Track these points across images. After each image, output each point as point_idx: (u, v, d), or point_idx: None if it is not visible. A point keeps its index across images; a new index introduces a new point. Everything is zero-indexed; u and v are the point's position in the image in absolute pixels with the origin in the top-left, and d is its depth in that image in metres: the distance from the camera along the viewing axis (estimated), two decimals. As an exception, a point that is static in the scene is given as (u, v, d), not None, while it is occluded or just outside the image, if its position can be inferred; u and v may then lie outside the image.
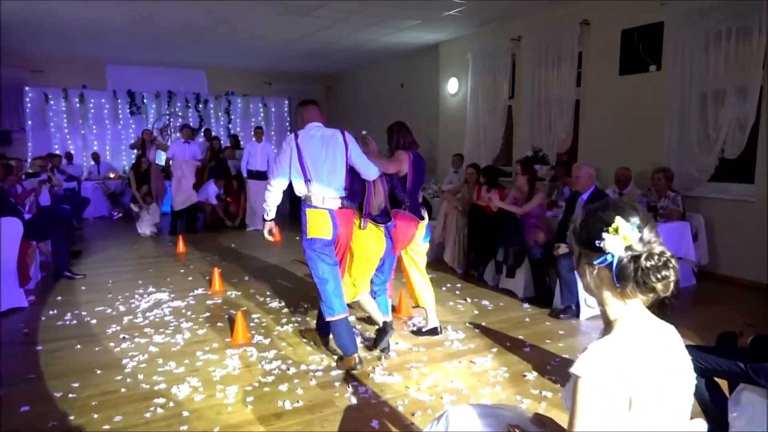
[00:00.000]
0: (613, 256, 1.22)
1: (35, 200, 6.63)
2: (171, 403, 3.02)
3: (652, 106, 6.20)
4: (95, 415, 2.90)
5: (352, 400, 3.08)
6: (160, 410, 2.95)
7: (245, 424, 2.82)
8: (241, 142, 11.26)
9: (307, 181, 3.45)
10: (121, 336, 4.07)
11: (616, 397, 1.15)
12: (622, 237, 1.21)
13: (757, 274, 5.34)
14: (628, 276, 1.21)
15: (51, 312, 4.68)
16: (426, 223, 4.09)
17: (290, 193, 3.64)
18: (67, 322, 4.42)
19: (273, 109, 13.28)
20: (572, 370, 1.19)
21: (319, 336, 3.87)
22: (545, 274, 4.98)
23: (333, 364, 3.56)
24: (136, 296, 5.12)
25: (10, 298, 4.66)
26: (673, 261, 1.20)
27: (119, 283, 5.60)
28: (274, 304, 4.88)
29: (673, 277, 1.19)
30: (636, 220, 1.24)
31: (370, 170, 3.59)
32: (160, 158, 10.04)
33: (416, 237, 4.04)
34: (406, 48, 10.13)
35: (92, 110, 11.55)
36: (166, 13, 7.67)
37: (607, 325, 1.31)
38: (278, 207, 3.69)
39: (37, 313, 4.64)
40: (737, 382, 2.35)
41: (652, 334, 1.24)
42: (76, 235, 8.08)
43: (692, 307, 4.87)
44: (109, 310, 4.71)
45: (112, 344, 3.92)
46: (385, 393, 3.15)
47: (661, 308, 1.29)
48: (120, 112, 11.78)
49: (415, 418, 2.86)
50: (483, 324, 4.37)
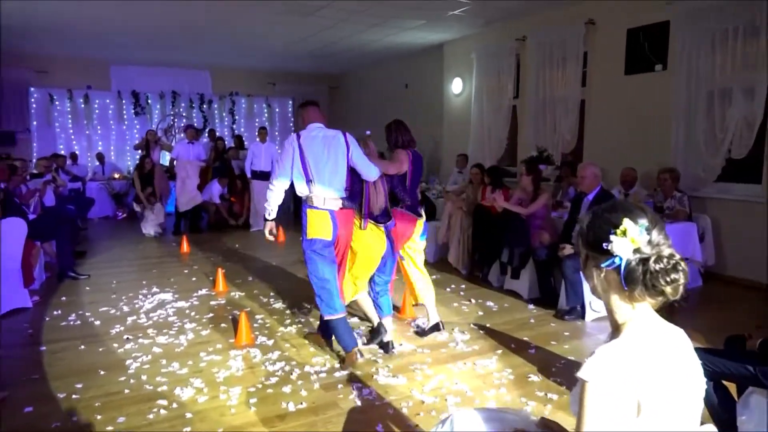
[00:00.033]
0: (621, 259, 1.20)
1: (40, 201, 6.65)
2: (174, 405, 3.01)
3: (657, 105, 6.15)
4: (98, 417, 2.89)
5: (356, 401, 3.06)
6: (163, 411, 2.94)
7: (248, 426, 2.81)
8: (245, 143, 11.26)
9: (309, 181, 3.47)
10: (125, 337, 4.07)
11: (625, 402, 1.13)
12: (630, 239, 1.19)
13: (765, 276, 5.29)
14: (637, 279, 1.18)
15: (55, 312, 4.68)
16: (424, 220, 4.13)
17: (294, 193, 3.65)
18: (71, 323, 4.42)
19: (277, 110, 13.29)
20: (579, 375, 1.17)
21: (323, 338, 3.85)
22: (550, 275, 4.94)
23: (337, 365, 3.54)
24: (140, 297, 5.12)
25: (14, 299, 4.66)
26: (683, 264, 1.17)
27: (123, 284, 5.60)
28: (278, 305, 4.87)
29: (682, 281, 1.17)
30: (644, 222, 1.21)
31: (370, 171, 3.61)
32: (165, 159, 10.06)
33: (414, 234, 4.07)
34: (410, 48, 10.11)
35: (97, 111, 11.57)
36: (170, 14, 7.67)
37: (615, 329, 1.28)
38: (282, 207, 3.70)
39: (42, 314, 4.64)
40: (746, 386, 2.32)
41: (661, 338, 1.22)
42: (81, 235, 8.10)
43: (699, 308, 4.83)
44: (113, 311, 4.71)
45: (115, 345, 3.92)
46: (389, 395, 3.14)
47: (670, 311, 1.27)
48: (124, 112, 11.80)
49: (420, 420, 2.84)
50: (487, 325, 4.35)
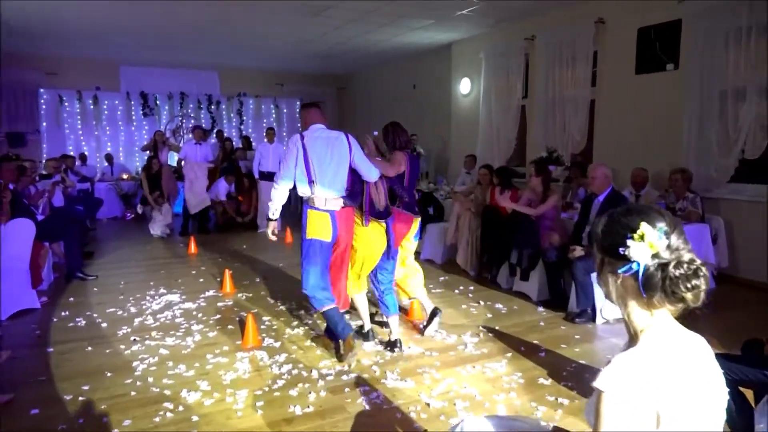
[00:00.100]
0: (638, 265, 1.15)
1: (49, 201, 6.66)
2: (180, 407, 2.99)
3: (669, 105, 6.07)
4: (104, 419, 2.88)
5: (363, 405, 3.02)
6: (169, 414, 2.92)
7: (255, 429, 2.78)
8: (253, 143, 11.27)
9: (311, 182, 3.50)
10: (132, 338, 4.06)
11: (643, 413, 1.09)
12: (649, 244, 1.14)
13: (779, 278, 5.20)
14: (656, 285, 1.13)
15: (63, 313, 4.69)
16: (419, 220, 4.20)
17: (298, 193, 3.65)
18: (79, 324, 4.42)
19: (285, 110, 13.30)
20: (596, 384, 1.12)
21: (330, 340, 3.82)
22: (560, 277, 4.89)
23: (345, 368, 3.51)
24: (148, 298, 5.11)
25: (22, 300, 4.67)
26: (704, 269, 1.12)
27: (131, 285, 5.60)
28: (285, 307, 4.84)
29: (704, 287, 1.12)
30: (663, 226, 1.16)
31: (371, 172, 3.67)
32: (173, 159, 10.08)
33: (410, 233, 4.14)
34: (418, 48, 10.07)
35: (106, 112, 11.63)
36: (179, 15, 7.68)
37: (632, 337, 1.24)
38: (289, 208, 3.69)
39: (50, 315, 4.65)
40: (764, 392, 2.26)
41: (681, 346, 1.17)
42: (90, 235, 8.13)
43: (713, 311, 4.75)
44: (121, 312, 4.71)
45: (122, 346, 3.91)
46: (397, 398, 3.10)
47: (692, 318, 1.22)
48: (133, 113, 11.85)
49: (428, 426, 2.80)
50: (496, 328, 4.30)
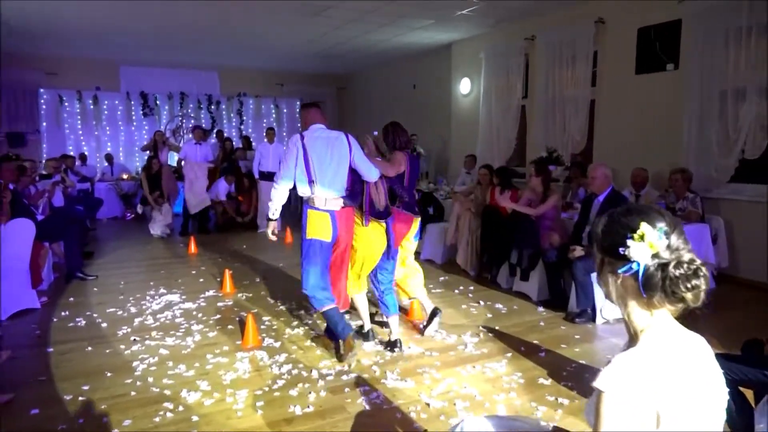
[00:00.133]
0: (638, 265, 1.15)
1: (49, 201, 6.66)
2: (180, 407, 2.99)
3: (669, 105, 6.08)
4: (104, 419, 2.88)
5: (363, 405, 3.02)
6: (169, 414, 2.92)
7: (255, 430, 2.78)
8: (253, 143, 11.27)
9: (311, 182, 3.50)
10: (132, 338, 4.06)
11: (643, 414, 1.09)
12: (648, 244, 1.14)
13: (779, 278, 5.20)
14: (656, 285, 1.13)
15: (63, 313, 4.69)
16: (419, 220, 4.20)
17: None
18: (79, 324, 4.42)
19: (285, 110, 13.29)
20: (595, 385, 1.12)
21: (330, 340, 3.82)
22: (560, 277, 4.89)
23: (345, 367, 3.51)
24: (148, 298, 5.11)
25: (22, 300, 4.67)
26: (704, 269, 1.12)
27: (131, 285, 5.60)
28: (285, 307, 4.84)
29: (704, 287, 1.12)
30: (663, 226, 1.16)
31: (371, 172, 3.67)
32: (172, 159, 10.07)
33: (410, 233, 4.15)
34: (418, 48, 10.07)
35: (106, 112, 11.63)
36: (179, 15, 7.68)
37: (632, 337, 1.24)
38: (289, 208, 3.70)
39: (49, 315, 4.65)
40: (764, 392, 2.26)
41: (681, 346, 1.17)
42: (90, 235, 8.12)
43: (713, 311, 4.74)
44: (121, 312, 4.71)
45: (122, 346, 3.91)
46: (397, 398, 3.10)
47: (691, 317, 1.22)
48: (133, 113, 11.85)
49: (428, 426, 2.80)
50: (496, 328, 4.30)
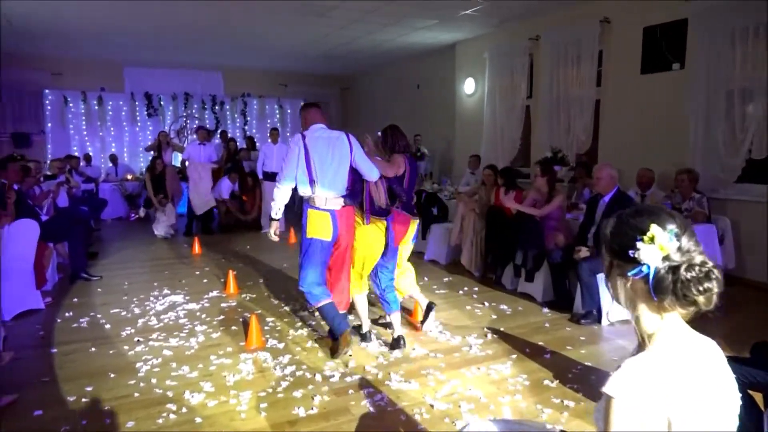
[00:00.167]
0: (649, 268, 1.12)
1: (53, 202, 6.67)
2: (184, 409, 2.98)
3: (675, 105, 6.03)
4: (107, 421, 2.87)
5: (368, 407, 3.01)
6: (172, 416, 2.91)
7: (258, 432, 2.77)
8: (257, 144, 11.27)
9: (312, 182, 3.51)
10: (136, 339, 4.05)
11: (654, 420, 1.06)
12: (659, 246, 1.11)
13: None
14: (667, 288, 1.11)
15: (67, 314, 4.68)
16: (417, 222, 4.20)
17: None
18: (83, 325, 4.41)
19: (289, 111, 13.30)
20: (605, 390, 1.10)
21: (334, 341, 3.80)
22: (565, 278, 4.86)
23: (349, 369, 3.49)
24: (151, 298, 5.11)
25: (26, 300, 4.67)
26: (716, 272, 1.10)
27: (135, 285, 5.60)
28: (289, 308, 4.83)
29: (716, 290, 1.09)
30: (673, 228, 1.14)
31: (372, 172, 3.68)
32: (176, 159, 10.08)
33: (408, 235, 4.14)
34: (422, 48, 10.05)
35: (110, 112, 11.66)
36: (183, 16, 7.69)
37: (642, 341, 1.21)
38: (293, 208, 3.70)
39: (53, 315, 4.64)
40: (773, 396, 2.23)
41: (692, 350, 1.14)
42: (94, 236, 8.13)
43: (724, 314, 4.70)
44: (124, 313, 4.70)
45: (126, 347, 3.90)
46: (401, 400, 3.08)
47: (699, 320, 1.19)
48: (137, 114, 11.87)
49: (433, 428, 2.78)
50: (501, 329, 4.27)
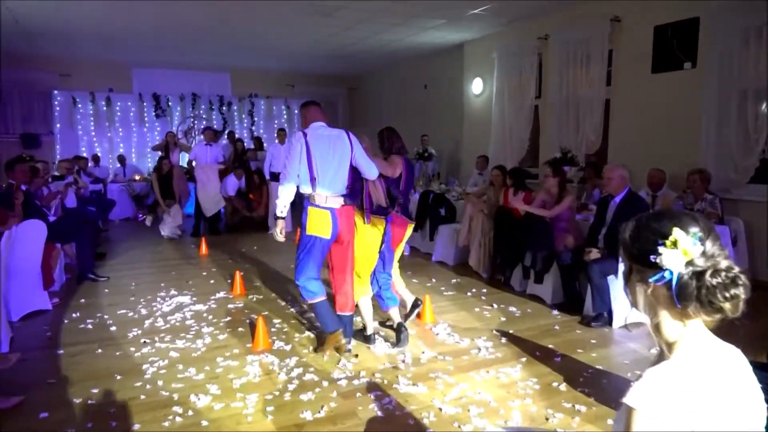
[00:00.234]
0: (671, 273, 1.07)
1: (61, 202, 6.69)
2: (190, 412, 2.95)
3: (686, 105, 5.95)
4: (113, 423, 2.85)
5: (375, 411, 2.97)
6: (178, 419, 2.88)
7: (265, 436, 2.74)
8: (265, 144, 11.27)
9: (313, 179, 3.51)
10: (142, 340, 4.03)
11: (677, 432, 1.02)
12: (682, 251, 1.06)
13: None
14: (690, 295, 1.06)
15: (74, 315, 4.68)
16: (413, 226, 4.24)
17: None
18: (90, 326, 4.40)
19: (296, 111, 13.24)
20: (626, 401, 1.05)
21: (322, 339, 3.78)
22: (575, 280, 4.79)
23: (356, 371, 3.46)
24: (158, 299, 5.10)
25: (34, 301, 4.67)
26: (743, 277, 1.05)
27: (142, 286, 5.59)
28: (296, 309, 4.79)
29: (743, 296, 1.04)
30: (696, 231, 1.09)
31: (371, 170, 3.71)
32: (184, 160, 10.09)
33: (404, 239, 4.18)
34: (430, 48, 10.00)
35: (118, 113, 11.71)
36: (190, 17, 7.68)
37: (664, 349, 1.16)
38: (299, 207, 3.70)
39: (61, 316, 4.64)
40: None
41: (717, 359, 1.09)
42: (102, 236, 8.15)
43: (751, 321, 4.62)
44: (131, 314, 4.69)
45: (132, 349, 3.88)
46: (409, 404, 3.03)
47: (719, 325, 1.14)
48: (145, 114, 11.91)
49: (442, 433, 2.74)
50: (510, 332, 4.22)
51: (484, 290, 5.43)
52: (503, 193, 5.86)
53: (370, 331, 3.95)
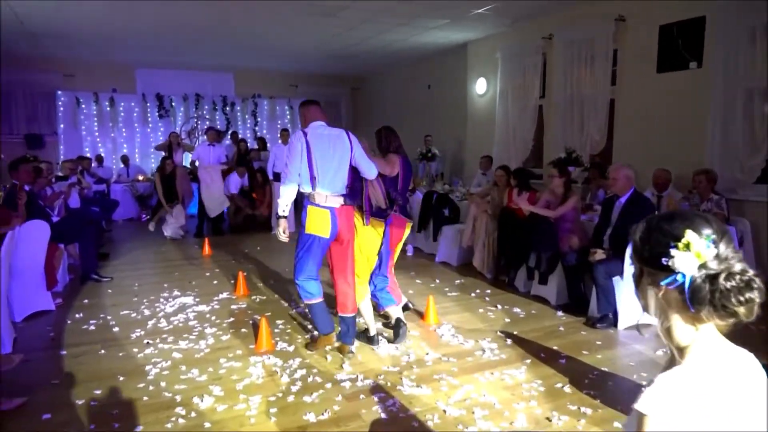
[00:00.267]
0: (684, 276, 1.05)
1: (64, 203, 6.68)
2: (193, 414, 2.94)
3: (692, 104, 5.91)
4: (116, 425, 2.83)
5: (379, 413, 2.95)
6: (181, 420, 2.87)
7: (268, 438, 2.72)
8: (268, 144, 11.26)
9: (313, 179, 3.51)
10: (145, 341, 4.02)
11: (689, 439, 0.99)
12: (696, 254, 1.04)
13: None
14: (704, 299, 1.03)
15: (77, 315, 4.67)
16: (411, 225, 4.24)
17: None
18: (93, 326, 4.39)
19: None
20: (638, 407, 1.02)
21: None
22: (580, 281, 4.76)
23: (360, 373, 3.44)
24: (161, 300, 5.08)
25: (37, 301, 4.67)
26: (758, 281, 1.02)
27: (145, 287, 5.58)
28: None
29: (758, 299, 1.02)
30: (710, 233, 1.06)
31: (371, 170, 3.71)
32: (187, 160, 10.09)
33: (402, 239, 4.17)
34: (434, 48, 9.97)
35: (122, 113, 11.71)
36: (194, 17, 7.68)
37: (675, 354, 1.13)
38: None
39: (64, 317, 4.63)
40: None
41: (730, 364, 1.07)
42: (105, 237, 8.15)
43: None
44: (134, 314, 4.68)
45: (135, 350, 3.87)
46: (413, 406, 3.01)
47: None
48: (149, 115, 11.91)
49: (446, 435, 2.72)
50: (515, 333, 4.19)
51: (488, 291, 5.40)
52: (507, 194, 5.83)
53: (373, 332, 3.93)
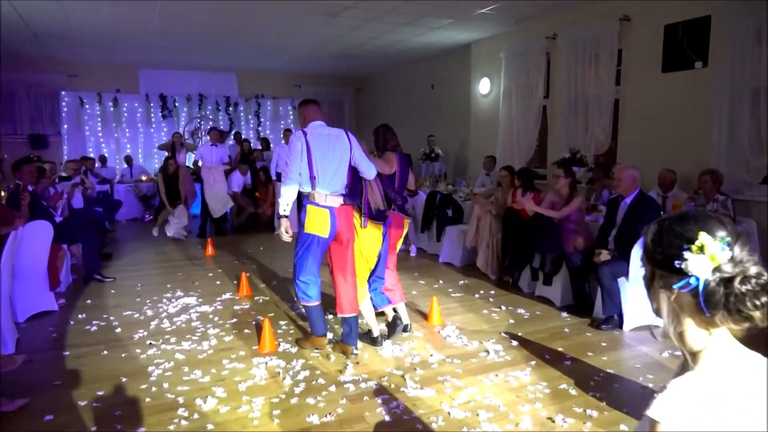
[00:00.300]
0: (697, 280, 1.02)
1: (68, 203, 6.68)
2: (195, 415, 2.92)
3: (697, 104, 5.87)
4: (118, 426, 2.82)
5: (383, 415, 2.92)
6: (184, 422, 2.85)
7: (271, 440, 2.71)
8: (271, 144, 11.25)
9: (312, 178, 3.51)
10: (148, 342, 4.01)
11: (703, 447, 0.97)
12: (710, 257, 1.01)
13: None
14: (718, 303, 1.00)
15: (80, 316, 4.66)
16: (409, 221, 4.24)
17: None
18: (95, 327, 4.38)
19: (302, 112, 13.25)
20: (650, 414, 1.00)
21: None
22: (585, 282, 4.73)
23: (364, 374, 3.42)
24: (164, 300, 5.07)
25: (40, 302, 4.66)
26: (776, 284, 1.00)
27: (148, 287, 5.57)
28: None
29: None
30: (724, 235, 1.04)
31: (370, 170, 3.71)
32: (190, 160, 10.09)
33: (402, 236, 4.19)
34: (437, 48, 9.94)
35: (125, 114, 11.72)
36: (197, 17, 7.66)
37: (687, 359, 1.11)
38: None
39: (67, 317, 4.63)
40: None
41: (744, 370, 1.04)
42: (108, 237, 8.15)
43: None
44: (137, 315, 4.67)
45: (138, 350, 3.86)
46: (417, 408, 2.99)
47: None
48: (152, 115, 11.92)
49: (450, 438, 2.69)
50: (519, 334, 4.17)
51: (492, 292, 5.38)
52: (511, 194, 5.80)
53: (376, 333, 3.91)
